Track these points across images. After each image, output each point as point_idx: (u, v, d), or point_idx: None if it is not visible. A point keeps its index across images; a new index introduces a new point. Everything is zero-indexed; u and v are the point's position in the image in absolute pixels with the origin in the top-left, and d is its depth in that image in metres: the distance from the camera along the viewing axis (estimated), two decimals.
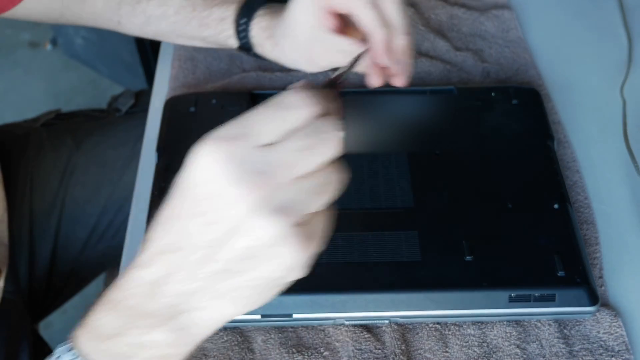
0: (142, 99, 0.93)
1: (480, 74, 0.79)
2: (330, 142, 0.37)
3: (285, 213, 0.35)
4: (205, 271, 0.37)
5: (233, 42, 0.69)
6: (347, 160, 0.65)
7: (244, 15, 0.67)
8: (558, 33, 0.85)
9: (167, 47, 0.85)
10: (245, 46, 0.69)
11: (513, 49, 0.81)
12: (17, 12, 0.71)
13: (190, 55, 0.82)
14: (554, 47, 0.83)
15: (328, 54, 0.61)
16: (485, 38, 0.83)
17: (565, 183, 0.66)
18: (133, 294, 0.39)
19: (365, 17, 0.56)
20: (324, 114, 0.37)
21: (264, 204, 0.35)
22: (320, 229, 0.38)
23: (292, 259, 0.36)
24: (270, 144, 0.36)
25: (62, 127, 0.89)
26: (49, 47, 2.00)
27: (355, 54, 0.50)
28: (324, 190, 0.37)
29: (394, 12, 0.56)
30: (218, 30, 0.69)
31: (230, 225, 0.35)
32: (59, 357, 0.41)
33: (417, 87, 0.74)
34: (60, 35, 1.90)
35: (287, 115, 0.36)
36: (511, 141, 0.68)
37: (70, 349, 0.41)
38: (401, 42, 0.57)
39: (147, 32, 0.74)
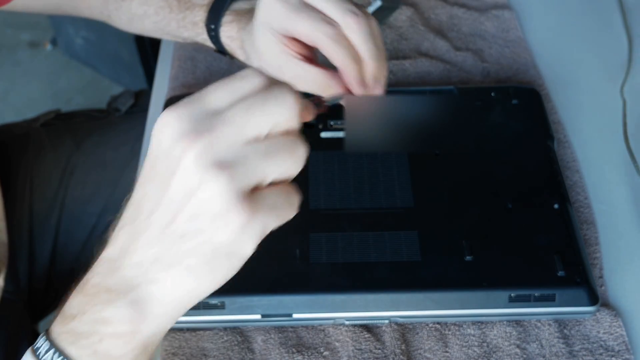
0: (142, 99, 0.93)
1: (480, 74, 0.79)
2: (281, 104, 0.37)
3: (228, 169, 0.35)
4: (159, 236, 0.37)
5: (211, 45, 0.67)
6: (347, 160, 0.65)
7: (212, 22, 0.65)
8: (558, 33, 0.85)
9: (167, 47, 0.85)
10: (223, 51, 0.66)
11: (513, 49, 0.81)
12: (17, 5, 0.72)
13: (190, 55, 0.82)
14: (554, 47, 0.83)
15: (299, 80, 0.55)
16: (485, 38, 0.83)
17: (565, 183, 0.66)
18: (97, 273, 0.40)
19: (332, 53, 0.51)
20: (277, 84, 0.37)
21: (205, 156, 0.35)
22: (276, 202, 0.37)
23: (238, 225, 0.36)
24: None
25: (62, 127, 0.89)
26: (49, 47, 2.00)
27: (326, 83, 0.51)
28: (276, 156, 0.37)
29: (361, 41, 0.51)
30: (194, 33, 0.68)
31: (179, 183, 0.36)
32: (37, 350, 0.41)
33: (417, 87, 0.74)
34: (60, 35, 1.90)
35: (239, 82, 0.37)
36: (511, 141, 0.68)
37: (41, 341, 0.41)
38: (371, 70, 0.52)
39: (134, 29, 0.74)
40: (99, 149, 0.87)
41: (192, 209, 0.36)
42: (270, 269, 0.58)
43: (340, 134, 0.68)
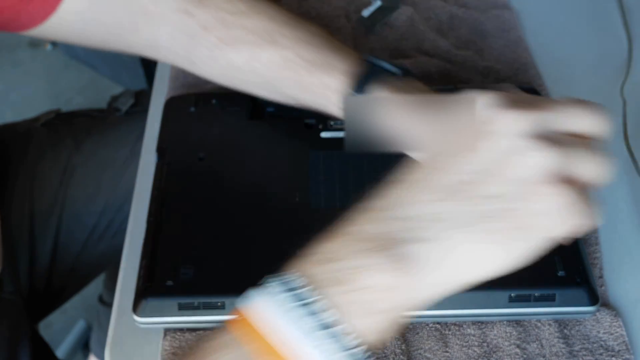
0: (142, 99, 0.93)
1: (480, 74, 0.79)
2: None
3: (556, 146, 0.36)
4: (455, 194, 0.37)
5: (336, 112, 0.61)
6: (347, 160, 0.65)
7: (357, 91, 0.58)
8: (558, 33, 0.85)
9: None
10: None
11: (513, 49, 0.81)
12: (46, 30, 0.63)
13: None
14: (554, 47, 0.83)
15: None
16: (485, 38, 0.83)
17: None
18: (358, 223, 0.39)
19: None
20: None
21: (533, 128, 0.36)
22: (586, 203, 0.37)
23: (555, 203, 0.36)
24: None
25: (62, 127, 0.90)
26: (49, 47, 2.00)
27: None
28: (591, 158, 0.37)
29: None
30: (320, 96, 0.60)
31: (501, 152, 0.36)
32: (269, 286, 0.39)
33: None
34: None
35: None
36: None
37: (282, 280, 0.40)
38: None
39: (227, 81, 0.65)
40: (99, 148, 0.87)
41: (509, 173, 0.36)
42: (271, 269, 0.58)
43: (340, 134, 0.68)
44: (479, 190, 0.37)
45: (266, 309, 0.39)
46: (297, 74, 0.61)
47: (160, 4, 0.62)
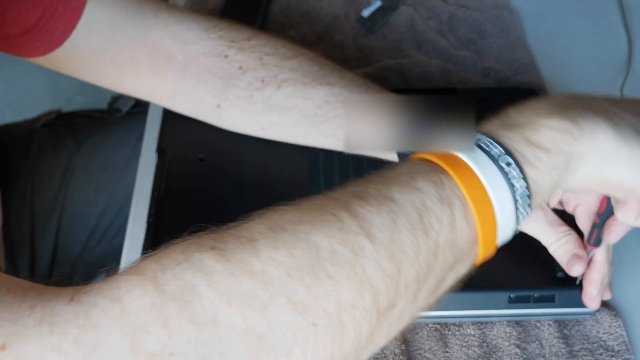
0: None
1: (480, 74, 0.79)
2: None
3: None
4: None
5: (391, 156, 0.61)
6: (347, 160, 0.65)
7: None
8: (558, 33, 0.85)
9: None
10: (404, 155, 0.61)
11: (513, 49, 0.81)
12: (48, 60, 0.61)
13: None
14: (554, 47, 0.83)
15: (539, 223, 0.57)
16: (485, 38, 0.83)
17: None
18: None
19: (598, 253, 0.55)
20: None
21: None
22: None
23: None
24: None
25: (62, 127, 0.90)
26: None
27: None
28: None
29: (611, 250, 0.56)
30: None
31: None
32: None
33: (417, 87, 0.74)
34: None
35: None
36: None
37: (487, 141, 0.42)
38: (608, 279, 0.57)
39: (262, 122, 0.62)
40: (100, 149, 0.87)
41: None
42: None
43: None
44: None
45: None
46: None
47: (191, 49, 0.61)
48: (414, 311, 0.39)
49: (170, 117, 0.72)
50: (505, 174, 0.40)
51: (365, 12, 0.85)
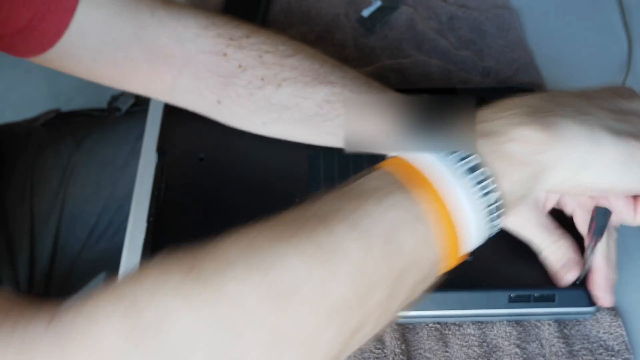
0: (142, 98, 0.93)
1: (480, 74, 0.79)
2: None
3: None
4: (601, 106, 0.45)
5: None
6: (347, 160, 0.65)
7: None
8: (558, 33, 0.85)
9: None
10: None
11: (513, 49, 0.81)
12: (43, 60, 0.61)
13: None
14: (554, 47, 0.83)
15: (532, 227, 0.57)
16: (485, 38, 0.83)
17: None
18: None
19: (598, 251, 0.55)
20: None
21: None
22: None
23: None
24: None
25: (62, 126, 0.90)
26: None
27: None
28: None
29: (614, 249, 0.56)
30: None
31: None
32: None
33: (417, 87, 0.74)
34: None
35: None
36: None
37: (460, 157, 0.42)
38: (614, 277, 0.57)
39: (262, 119, 0.62)
40: (99, 148, 0.87)
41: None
42: None
43: None
44: (611, 104, 0.45)
45: (421, 156, 0.41)
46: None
47: (189, 47, 0.61)
48: (381, 326, 0.40)
49: (170, 117, 0.72)
50: (477, 186, 0.40)
51: (365, 12, 0.85)
